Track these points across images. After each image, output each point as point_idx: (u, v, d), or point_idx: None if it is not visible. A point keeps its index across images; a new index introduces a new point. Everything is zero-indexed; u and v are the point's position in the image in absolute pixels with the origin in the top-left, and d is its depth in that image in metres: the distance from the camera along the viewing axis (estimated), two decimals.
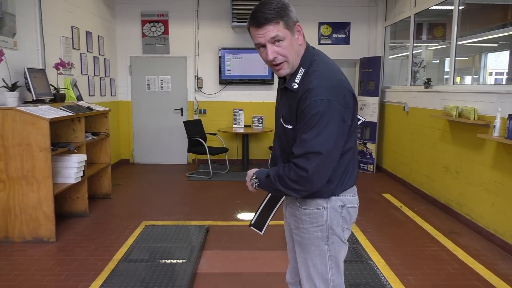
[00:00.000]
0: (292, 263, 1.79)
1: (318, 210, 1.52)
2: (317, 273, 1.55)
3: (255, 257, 3.25)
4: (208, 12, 6.75)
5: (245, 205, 4.60)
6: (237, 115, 6.76)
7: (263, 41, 1.37)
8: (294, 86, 1.42)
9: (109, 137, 4.76)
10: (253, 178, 1.55)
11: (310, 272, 1.56)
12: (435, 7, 5.01)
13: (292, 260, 1.79)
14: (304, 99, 1.36)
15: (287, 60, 1.40)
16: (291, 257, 1.79)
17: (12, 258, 3.17)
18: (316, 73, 1.40)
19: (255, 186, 1.54)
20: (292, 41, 1.39)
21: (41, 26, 4.21)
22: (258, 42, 1.39)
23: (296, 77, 1.42)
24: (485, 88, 4.02)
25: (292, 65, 1.42)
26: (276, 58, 1.38)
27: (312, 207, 1.52)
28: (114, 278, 2.81)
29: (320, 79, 1.38)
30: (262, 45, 1.39)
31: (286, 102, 1.49)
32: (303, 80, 1.41)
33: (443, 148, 4.50)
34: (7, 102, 3.50)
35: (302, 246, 1.57)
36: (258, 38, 1.38)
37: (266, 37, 1.36)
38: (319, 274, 1.55)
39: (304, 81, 1.40)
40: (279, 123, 1.54)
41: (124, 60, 6.84)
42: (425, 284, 2.84)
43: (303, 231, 1.55)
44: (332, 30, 6.84)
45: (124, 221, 4.06)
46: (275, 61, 1.40)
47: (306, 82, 1.39)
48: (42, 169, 3.36)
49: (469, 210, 3.97)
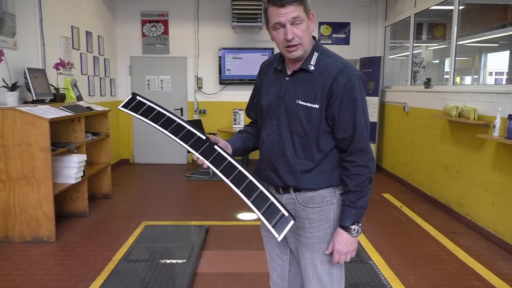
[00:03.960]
0: (278, 269, 1.71)
1: (326, 206, 1.51)
2: (324, 269, 1.54)
3: (255, 257, 3.25)
4: (208, 12, 6.75)
5: (245, 205, 4.59)
6: (237, 115, 6.76)
7: (284, 21, 1.38)
8: (311, 68, 1.46)
9: (109, 137, 4.77)
10: (354, 231, 1.46)
11: (318, 270, 1.54)
12: (435, 7, 5.01)
13: (278, 267, 1.71)
14: (341, 76, 1.42)
15: (302, 43, 1.42)
16: (278, 264, 1.71)
17: (12, 258, 3.17)
18: (335, 55, 1.49)
19: (359, 232, 1.49)
20: (308, 25, 1.43)
21: (41, 26, 4.21)
22: (279, 21, 1.39)
23: (312, 60, 1.47)
24: (485, 88, 4.03)
25: (305, 49, 1.45)
26: (294, 39, 1.40)
27: (321, 204, 1.51)
28: (114, 278, 2.81)
29: (343, 59, 1.48)
30: (282, 25, 1.40)
31: (300, 84, 1.47)
32: (319, 62, 1.46)
33: (443, 148, 4.50)
34: (7, 102, 3.50)
35: (309, 246, 1.54)
36: (280, 17, 1.39)
37: (288, 16, 1.37)
38: (325, 270, 1.54)
39: (322, 63, 1.46)
40: (294, 108, 1.46)
41: (124, 60, 6.84)
42: (425, 284, 2.84)
43: (312, 230, 1.52)
44: (332, 30, 6.84)
45: (124, 221, 4.06)
46: (292, 42, 1.40)
47: (327, 63, 1.45)
48: (42, 169, 3.36)
49: (469, 210, 3.97)
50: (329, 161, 1.49)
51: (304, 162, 1.48)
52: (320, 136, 1.46)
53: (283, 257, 1.70)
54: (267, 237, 1.72)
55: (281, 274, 1.71)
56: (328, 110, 1.43)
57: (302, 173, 1.49)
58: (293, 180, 1.50)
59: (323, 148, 1.47)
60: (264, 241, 1.74)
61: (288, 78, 1.51)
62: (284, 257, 1.70)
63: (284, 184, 1.52)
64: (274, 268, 1.73)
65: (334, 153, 1.49)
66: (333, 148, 1.49)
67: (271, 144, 1.53)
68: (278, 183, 1.54)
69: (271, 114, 1.54)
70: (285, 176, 1.50)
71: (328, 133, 1.47)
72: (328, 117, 1.44)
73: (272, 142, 1.53)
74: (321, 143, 1.46)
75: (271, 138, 1.54)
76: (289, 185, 1.51)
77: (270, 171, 1.55)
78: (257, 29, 6.65)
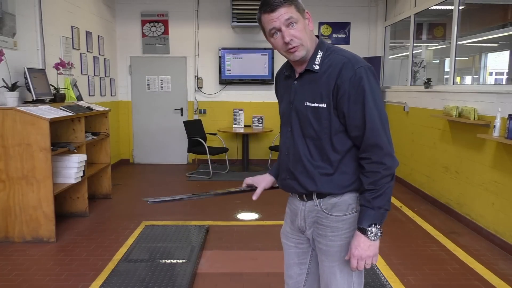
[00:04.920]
0: (295, 277, 1.65)
1: (351, 214, 1.45)
2: (343, 277, 1.49)
3: (255, 257, 3.25)
4: (208, 12, 6.75)
5: (245, 205, 4.60)
6: (237, 115, 6.76)
7: (278, 25, 1.37)
8: (316, 67, 1.43)
9: (109, 137, 4.76)
10: (372, 234, 1.36)
11: (337, 279, 1.49)
12: (435, 7, 5.01)
13: (295, 275, 1.65)
14: (345, 70, 1.37)
15: (302, 43, 1.40)
16: (295, 273, 1.65)
17: (12, 258, 3.17)
18: (340, 51, 1.45)
19: (379, 236, 1.39)
20: (305, 25, 1.41)
21: (41, 26, 4.21)
22: (273, 26, 1.38)
23: (316, 59, 1.44)
24: (485, 88, 4.03)
25: (307, 48, 1.42)
26: (292, 41, 1.38)
27: (345, 212, 1.46)
28: (114, 278, 2.81)
29: (348, 53, 1.43)
30: (278, 29, 1.38)
31: (307, 85, 1.45)
32: (323, 60, 1.43)
33: (443, 148, 4.50)
34: (7, 102, 3.50)
35: (330, 254, 1.49)
36: (273, 23, 1.37)
37: (281, 19, 1.36)
38: (344, 279, 1.49)
39: (326, 60, 1.42)
40: (303, 111, 1.44)
41: (124, 60, 6.84)
42: (425, 284, 2.84)
43: (334, 238, 1.47)
44: (332, 30, 6.84)
45: (124, 221, 4.06)
46: (291, 44, 1.38)
47: (332, 59, 1.42)
48: (42, 169, 3.36)
49: (469, 210, 3.97)
50: (349, 162, 1.43)
51: (321, 165, 1.43)
52: (333, 136, 1.40)
53: (302, 267, 1.65)
54: (287, 245, 1.67)
55: (297, 283, 1.67)
56: (337, 107, 1.38)
57: (321, 176, 1.43)
58: (313, 184, 1.45)
59: (339, 148, 1.42)
60: (284, 249, 1.69)
61: (296, 82, 1.49)
62: (303, 266, 1.65)
63: (306, 190, 1.47)
64: (291, 276, 1.68)
65: (354, 153, 1.43)
66: (352, 148, 1.42)
67: (288, 151, 1.51)
68: (300, 190, 1.49)
69: (285, 121, 1.52)
70: (305, 182, 1.46)
71: (341, 132, 1.40)
72: (339, 115, 1.39)
73: (288, 149, 1.51)
74: (336, 143, 1.41)
75: (287, 146, 1.52)
76: (310, 190, 1.46)
77: (290, 179, 1.51)
78: (257, 29, 6.65)
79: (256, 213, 4.35)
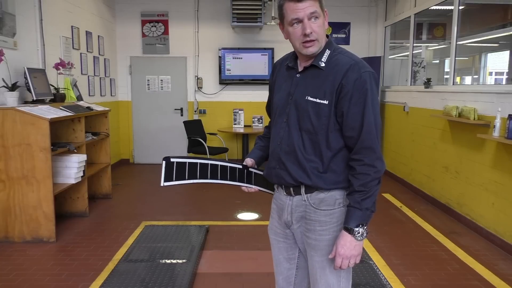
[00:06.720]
0: (285, 273, 1.68)
1: (338, 208, 1.49)
2: (332, 271, 1.52)
3: (255, 257, 3.25)
4: (208, 12, 6.75)
5: (245, 205, 4.60)
6: (237, 115, 6.76)
7: (302, 16, 1.39)
8: (322, 64, 1.45)
9: (109, 137, 4.76)
10: (358, 234, 1.41)
11: (326, 273, 1.52)
12: (435, 7, 5.01)
13: (285, 270, 1.68)
14: (352, 72, 1.40)
15: (318, 38, 1.43)
16: (285, 268, 1.68)
17: (12, 258, 3.17)
18: (348, 53, 1.48)
19: (364, 236, 1.43)
20: (324, 22, 1.45)
21: (41, 26, 4.21)
22: (297, 16, 1.40)
23: (323, 57, 1.46)
24: (485, 88, 4.02)
25: (320, 45, 1.45)
26: (311, 34, 1.41)
27: (332, 206, 1.49)
28: (114, 278, 2.81)
29: (355, 56, 1.47)
30: (300, 20, 1.40)
31: (310, 80, 1.47)
32: (330, 59, 1.46)
33: (443, 148, 4.50)
34: (7, 102, 3.50)
35: (319, 248, 1.52)
36: (298, 13, 1.39)
37: (306, 11, 1.38)
38: (333, 273, 1.52)
39: (333, 60, 1.45)
40: (303, 104, 1.46)
41: (124, 60, 6.84)
42: (425, 284, 2.84)
43: (322, 233, 1.50)
44: (332, 30, 6.84)
45: (124, 221, 4.06)
46: (310, 37, 1.41)
47: (338, 59, 1.44)
48: (42, 169, 3.36)
49: (469, 210, 3.97)
50: (339, 161, 1.47)
51: (313, 159, 1.46)
52: (330, 133, 1.44)
53: (291, 261, 1.67)
54: (275, 240, 1.68)
55: (287, 278, 1.68)
56: (337, 106, 1.41)
57: (312, 170, 1.46)
58: (304, 176, 1.47)
59: (333, 146, 1.45)
60: (272, 244, 1.70)
61: (299, 75, 1.51)
62: (292, 261, 1.67)
63: (295, 181, 1.49)
64: (281, 271, 1.69)
65: (345, 153, 1.47)
66: (344, 147, 1.46)
67: (281, 141, 1.53)
68: (289, 181, 1.51)
69: (281, 111, 1.54)
70: (296, 173, 1.48)
71: (337, 131, 1.44)
72: (337, 113, 1.42)
73: (282, 139, 1.53)
74: (331, 141, 1.44)
75: (280, 135, 1.53)
76: (300, 181, 1.48)
77: (280, 169, 1.53)
78: (257, 29, 6.64)
79: (256, 213, 4.35)
